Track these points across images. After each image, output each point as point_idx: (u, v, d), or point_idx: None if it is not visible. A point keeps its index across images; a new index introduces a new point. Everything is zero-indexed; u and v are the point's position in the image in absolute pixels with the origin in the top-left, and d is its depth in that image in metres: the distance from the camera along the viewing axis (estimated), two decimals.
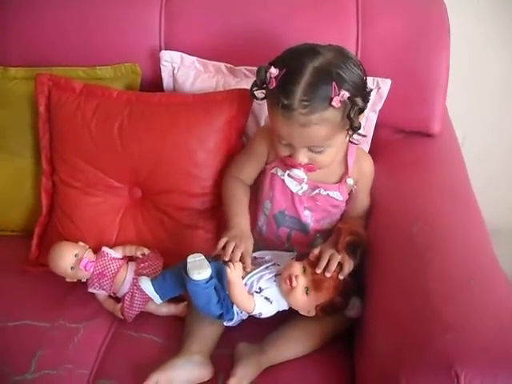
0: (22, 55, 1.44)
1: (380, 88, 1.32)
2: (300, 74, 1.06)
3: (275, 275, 1.14)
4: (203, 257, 1.10)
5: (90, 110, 1.31)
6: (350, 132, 1.14)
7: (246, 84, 1.32)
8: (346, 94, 1.05)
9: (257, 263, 1.16)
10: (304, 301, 1.11)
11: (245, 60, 1.36)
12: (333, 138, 1.12)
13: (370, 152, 1.36)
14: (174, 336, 1.19)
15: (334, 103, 1.05)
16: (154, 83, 1.42)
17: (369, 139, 1.36)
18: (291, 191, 1.24)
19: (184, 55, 1.37)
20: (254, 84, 1.16)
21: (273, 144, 1.19)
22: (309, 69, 1.06)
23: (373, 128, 1.37)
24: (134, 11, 1.39)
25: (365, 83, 1.13)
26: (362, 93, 1.10)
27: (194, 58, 1.38)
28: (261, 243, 1.26)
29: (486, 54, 1.63)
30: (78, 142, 1.31)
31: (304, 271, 1.11)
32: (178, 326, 1.20)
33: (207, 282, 1.08)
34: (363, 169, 1.25)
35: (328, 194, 1.24)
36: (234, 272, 1.07)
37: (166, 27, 1.38)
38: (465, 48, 1.58)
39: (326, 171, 1.21)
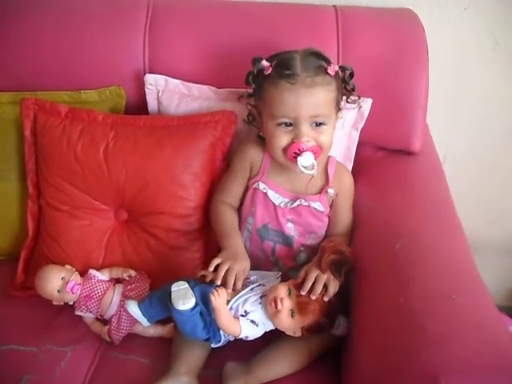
0: (7, 80, 1.44)
1: (361, 107, 1.34)
2: (292, 57, 1.17)
3: (260, 297, 1.14)
4: (187, 285, 1.11)
5: (75, 133, 1.31)
6: (348, 94, 1.25)
7: (230, 106, 1.35)
8: (336, 66, 1.20)
9: (242, 284, 1.16)
10: (289, 323, 1.11)
11: (228, 82, 1.38)
12: (331, 109, 1.19)
13: (352, 170, 1.38)
14: (161, 357, 1.18)
15: (329, 71, 1.17)
16: (138, 106, 1.43)
17: (351, 157, 1.39)
18: (273, 204, 1.26)
19: (168, 78, 1.39)
20: (251, 73, 1.23)
21: (256, 156, 1.26)
22: (298, 54, 1.18)
23: (355, 146, 1.39)
24: (118, 35, 1.40)
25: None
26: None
27: (179, 81, 1.39)
28: None
29: (468, 72, 1.66)
30: (64, 165, 1.31)
31: (289, 293, 1.11)
32: (166, 347, 1.19)
33: (192, 309, 1.09)
34: (343, 181, 1.28)
35: (309, 205, 1.25)
36: (218, 299, 1.08)
37: (149, 51, 1.39)
38: (446, 66, 1.61)
39: (306, 181, 1.22)
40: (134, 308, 1.17)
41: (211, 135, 1.31)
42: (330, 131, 1.20)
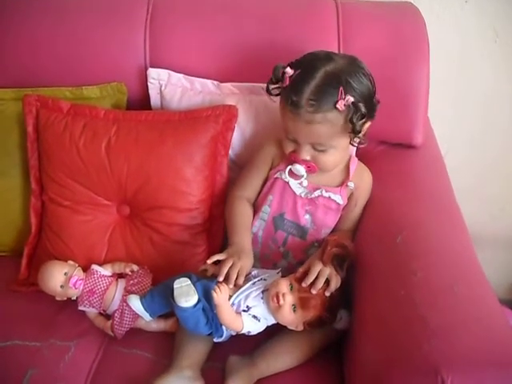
0: (9, 77, 1.45)
1: None
2: (311, 76, 1.13)
3: (262, 291, 1.14)
4: (189, 282, 1.11)
5: (77, 129, 1.32)
6: (352, 135, 1.18)
7: (232, 100, 1.35)
8: (350, 99, 1.12)
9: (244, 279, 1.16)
10: (291, 318, 1.12)
11: (231, 77, 1.38)
12: (335, 139, 1.17)
13: None
14: (164, 351, 1.19)
15: (338, 106, 1.12)
16: (141, 101, 1.43)
17: (353, 151, 1.39)
18: (293, 193, 1.26)
19: (171, 72, 1.39)
20: (270, 81, 1.22)
21: (279, 148, 1.26)
22: (320, 72, 1.14)
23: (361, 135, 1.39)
24: (119, 31, 1.40)
25: (372, 93, 1.19)
26: (367, 101, 1.16)
27: (181, 75, 1.39)
28: (254, 251, 1.27)
29: (469, 65, 1.66)
30: (67, 161, 1.32)
31: (291, 288, 1.11)
32: (168, 341, 1.20)
33: (195, 306, 1.09)
34: (364, 178, 1.29)
35: (330, 197, 1.26)
36: (220, 296, 1.08)
37: (150, 45, 1.39)
38: (448, 60, 1.61)
39: (328, 176, 1.25)
40: (136, 303, 1.18)
41: (212, 129, 1.31)
42: (334, 153, 1.20)
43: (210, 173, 1.32)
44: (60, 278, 1.25)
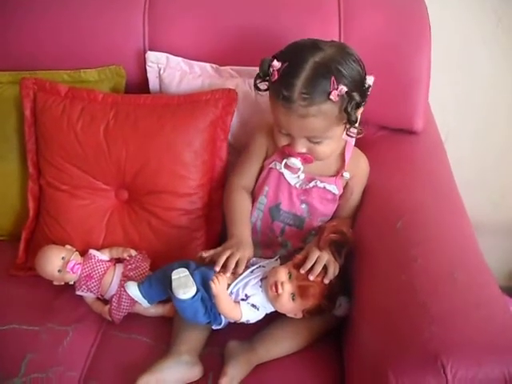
0: (7, 59, 1.44)
1: None
2: (301, 68, 1.10)
3: (261, 279, 1.14)
4: (187, 273, 1.10)
5: (75, 113, 1.31)
6: (348, 126, 1.16)
7: (232, 84, 1.34)
8: (343, 89, 1.09)
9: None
10: (290, 306, 1.11)
11: (230, 60, 1.37)
12: (330, 130, 1.15)
13: None
14: (162, 336, 1.19)
15: (332, 97, 1.09)
16: (139, 84, 1.42)
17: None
18: (288, 184, 1.25)
19: (170, 56, 1.38)
20: (257, 76, 1.18)
21: (272, 137, 1.23)
22: (309, 63, 1.10)
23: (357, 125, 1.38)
24: (118, 14, 1.39)
25: (363, 79, 1.16)
26: (360, 88, 1.14)
27: (180, 58, 1.38)
28: (254, 239, 1.27)
29: (471, 50, 1.65)
30: (64, 145, 1.31)
31: (290, 277, 1.11)
32: (167, 326, 1.20)
33: (193, 297, 1.09)
34: (359, 166, 1.28)
35: (325, 187, 1.24)
36: (218, 286, 1.07)
37: (149, 29, 1.38)
38: (450, 46, 1.60)
39: (322, 164, 1.23)
40: (133, 290, 1.17)
41: (212, 113, 1.30)
42: (330, 143, 1.18)
43: (209, 157, 1.31)
44: (58, 262, 1.24)
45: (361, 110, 1.17)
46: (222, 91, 1.31)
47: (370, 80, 1.31)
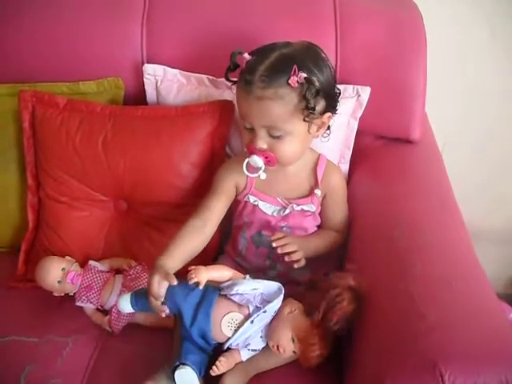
0: (5, 72, 1.44)
1: (360, 95, 1.34)
2: (266, 58, 1.12)
3: (262, 330, 1.11)
4: (190, 370, 1.07)
5: (74, 124, 1.32)
6: (308, 119, 1.13)
7: (228, 95, 1.35)
8: (303, 75, 1.09)
9: (243, 301, 1.10)
10: (293, 358, 1.11)
11: None
12: (291, 123, 1.12)
13: (351, 158, 1.39)
14: (162, 347, 1.18)
15: (290, 82, 1.09)
16: (137, 96, 1.43)
17: (350, 146, 1.39)
18: (265, 214, 1.25)
19: (167, 68, 1.38)
20: (228, 68, 1.19)
21: (239, 170, 1.20)
22: (276, 53, 1.12)
23: (354, 135, 1.39)
24: (116, 27, 1.40)
25: (330, 81, 1.16)
26: (325, 87, 1.13)
27: (177, 70, 1.39)
28: (244, 265, 1.29)
29: (466, 59, 1.66)
30: (63, 156, 1.32)
31: (293, 341, 1.08)
32: (166, 337, 1.19)
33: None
34: (333, 182, 1.26)
35: (302, 209, 1.25)
36: (221, 368, 1.08)
37: (147, 41, 1.39)
38: (444, 54, 1.61)
39: (296, 185, 1.23)
40: (125, 307, 1.12)
41: (209, 125, 1.30)
42: (292, 141, 1.15)
43: (206, 169, 1.32)
44: (57, 273, 1.25)
45: (328, 115, 1.17)
46: (218, 103, 1.32)
47: (366, 91, 1.33)
